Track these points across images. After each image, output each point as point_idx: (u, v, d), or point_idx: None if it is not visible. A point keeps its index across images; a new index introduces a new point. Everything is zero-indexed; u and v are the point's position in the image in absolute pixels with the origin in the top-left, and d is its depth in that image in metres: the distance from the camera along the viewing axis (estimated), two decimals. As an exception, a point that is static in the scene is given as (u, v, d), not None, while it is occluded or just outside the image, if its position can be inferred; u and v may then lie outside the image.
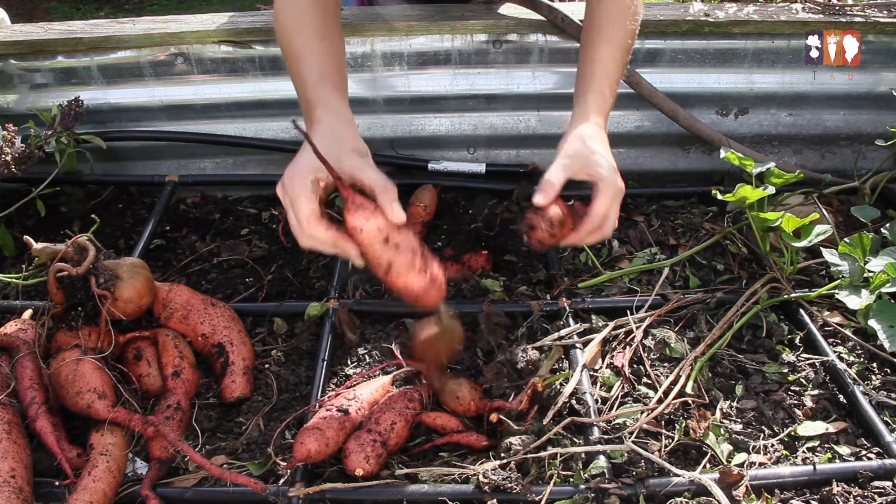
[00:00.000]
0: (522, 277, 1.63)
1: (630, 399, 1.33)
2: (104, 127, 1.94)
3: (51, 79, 1.92)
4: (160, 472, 1.18)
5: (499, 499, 1.12)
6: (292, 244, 1.77)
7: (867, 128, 2.03)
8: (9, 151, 1.67)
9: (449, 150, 2.03)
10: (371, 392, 1.28)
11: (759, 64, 1.95)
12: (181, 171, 2.00)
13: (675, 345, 1.42)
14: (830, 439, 1.27)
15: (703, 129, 1.91)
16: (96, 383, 1.23)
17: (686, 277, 1.63)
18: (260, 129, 1.99)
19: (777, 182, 1.55)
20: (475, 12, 1.93)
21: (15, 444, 1.14)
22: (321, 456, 1.16)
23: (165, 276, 1.66)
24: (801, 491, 1.17)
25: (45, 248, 1.33)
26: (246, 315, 1.52)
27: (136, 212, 1.92)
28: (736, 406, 1.33)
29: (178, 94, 1.94)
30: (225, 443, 1.26)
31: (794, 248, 1.51)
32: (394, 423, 1.23)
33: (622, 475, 1.17)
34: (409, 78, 1.95)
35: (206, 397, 1.37)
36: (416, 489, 1.14)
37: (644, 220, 1.83)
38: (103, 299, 1.30)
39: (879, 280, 1.38)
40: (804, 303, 1.53)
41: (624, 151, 2.07)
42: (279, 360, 1.43)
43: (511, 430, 1.23)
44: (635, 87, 1.87)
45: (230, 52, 1.90)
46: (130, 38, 1.86)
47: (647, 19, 1.88)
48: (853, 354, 1.44)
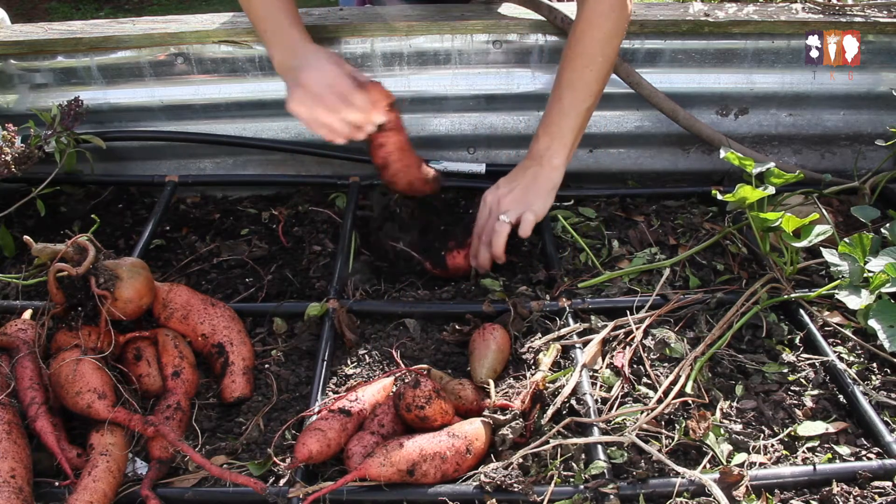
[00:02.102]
0: (522, 277, 1.63)
1: (630, 399, 1.33)
2: (104, 127, 1.94)
3: (51, 79, 1.92)
4: (160, 473, 1.18)
5: (500, 498, 1.12)
6: (292, 244, 1.77)
7: (867, 128, 2.03)
8: (9, 151, 1.67)
9: (449, 150, 2.03)
10: (373, 394, 1.28)
11: (759, 64, 1.95)
12: (181, 171, 2.00)
13: (675, 345, 1.42)
14: (830, 439, 1.27)
15: (703, 129, 1.92)
16: (96, 383, 1.23)
17: (686, 277, 1.63)
18: (260, 129, 1.99)
19: (777, 182, 1.55)
20: (475, 12, 1.93)
21: (15, 444, 1.14)
22: (323, 457, 1.16)
23: (165, 276, 1.66)
24: (801, 491, 1.17)
25: (45, 248, 1.33)
26: (246, 315, 1.52)
27: (136, 212, 1.92)
28: (736, 406, 1.33)
29: (178, 94, 1.94)
30: (225, 443, 1.26)
31: (794, 248, 1.51)
32: (396, 425, 1.23)
33: (622, 475, 1.17)
34: (409, 78, 1.95)
35: (206, 397, 1.37)
36: (416, 489, 1.14)
37: (644, 220, 1.83)
38: (103, 299, 1.30)
39: (879, 280, 1.38)
40: (804, 303, 1.53)
41: (624, 151, 2.07)
42: (279, 360, 1.43)
43: (499, 420, 1.23)
44: (635, 87, 1.87)
45: (230, 52, 1.90)
46: (130, 38, 1.86)
47: (647, 19, 1.88)
48: (853, 354, 1.44)
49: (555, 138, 1.63)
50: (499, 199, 1.62)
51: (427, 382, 1.21)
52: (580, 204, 1.88)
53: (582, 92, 1.61)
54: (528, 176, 1.63)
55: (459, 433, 1.19)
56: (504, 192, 1.62)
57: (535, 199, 1.62)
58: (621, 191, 1.95)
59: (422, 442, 1.15)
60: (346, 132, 1.52)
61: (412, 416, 1.20)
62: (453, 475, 1.17)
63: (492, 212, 1.62)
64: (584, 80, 1.60)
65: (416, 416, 1.20)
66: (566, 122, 1.62)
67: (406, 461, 1.13)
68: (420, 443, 1.15)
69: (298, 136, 2.01)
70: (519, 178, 1.64)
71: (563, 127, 1.62)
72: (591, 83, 1.61)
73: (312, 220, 1.85)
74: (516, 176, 1.65)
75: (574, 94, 1.61)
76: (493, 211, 1.62)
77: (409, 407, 1.19)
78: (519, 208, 1.61)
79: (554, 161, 1.63)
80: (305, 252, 1.74)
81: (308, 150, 1.97)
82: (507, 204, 1.61)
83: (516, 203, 1.61)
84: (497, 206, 1.62)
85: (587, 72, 1.60)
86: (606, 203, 1.91)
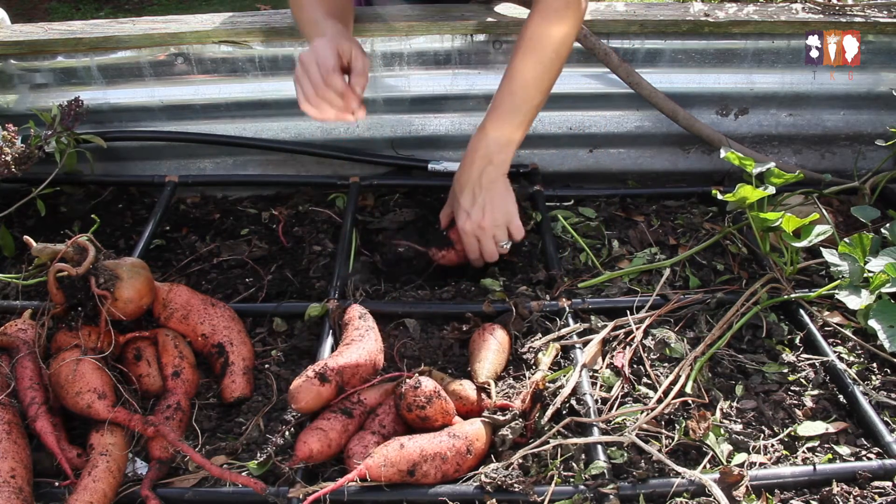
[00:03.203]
0: (522, 277, 1.63)
1: (630, 399, 1.33)
2: (104, 127, 1.94)
3: (51, 79, 1.92)
4: (160, 473, 1.18)
5: (500, 499, 1.12)
6: (292, 244, 1.77)
7: (867, 128, 2.03)
8: (9, 151, 1.67)
9: (449, 150, 2.03)
10: (375, 395, 1.28)
11: (759, 64, 1.95)
12: (181, 171, 2.00)
13: (675, 345, 1.42)
14: (830, 439, 1.27)
15: (703, 129, 1.92)
16: (96, 383, 1.23)
17: (686, 277, 1.63)
18: (260, 129, 1.99)
19: (777, 182, 1.56)
20: (475, 12, 1.93)
21: (15, 444, 1.14)
22: (323, 456, 1.16)
23: (165, 276, 1.66)
24: (801, 491, 1.17)
25: (45, 248, 1.33)
26: (246, 315, 1.52)
27: (136, 212, 1.92)
28: (736, 406, 1.33)
29: (178, 94, 1.94)
30: (225, 443, 1.26)
31: (794, 249, 1.51)
32: (397, 425, 1.23)
33: (622, 475, 1.17)
34: (409, 78, 1.95)
35: (206, 397, 1.37)
36: (416, 489, 1.14)
37: (644, 220, 1.83)
38: (103, 299, 1.30)
39: (879, 280, 1.38)
40: (804, 303, 1.53)
41: (624, 151, 2.07)
42: (279, 360, 1.43)
43: (499, 421, 1.23)
44: (635, 87, 1.87)
45: (230, 52, 1.90)
46: (130, 39, 1.86)
47: (647, 19, 1.88)
48: (853, 354, 1.44)
49: (506, 133, 1.59)
50: (479, 225, 1.58)
51: (428, 383, 1.21)
52: (580, 204, 1.88)
53: (534, 89, 1.58)
54: (486, 182, 1.58)
55: (460, 433, 1.19)
56: (478, 215, 1.57)
57: (506, 204, 1.59)
58: (621, 191, 1.96)
59: (422, 442, 1.15)
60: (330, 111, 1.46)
61: (413, 416, 1.20)
62: (454, 475, 1.17)
63: (480, 240, 1.59)
64: (537, 75, 1.58)
65: (416, 416, 1.20)
66: (518, 118, 1.59)
67: (407, 461, 1.13)
68: (421, 443, 1.15)
69: (298, 136, 2.01)
70: (477, 189, 1.58)
71: (514, 122, 1.59)
72: (544, 80, 1.59)
73: (312, 220, 1.85)
74: (472, 185, 1.59)
75: (526, 91, 1.58)
76: (482, 239, 1.59)
77: (410, 407, 1.19)
78: (502, 224, 1.59)
79: (503, 158, 1.60)
80: (305, 252, 1.74)
81: (308, 150, 1.97)
82: (490, 227, 1.58)
83: (497, 222, 1.58)
84: (483, 234, 1.58)
85: (540, 67, 1.57)
86: (606, 203, 1.91)
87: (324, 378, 1.23)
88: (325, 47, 1.44)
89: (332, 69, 1.41)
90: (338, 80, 1.41)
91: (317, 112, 1.44)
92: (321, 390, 1.22)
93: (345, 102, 1.42)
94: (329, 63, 1.42)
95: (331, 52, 1.43)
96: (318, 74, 1.41)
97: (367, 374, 1.31)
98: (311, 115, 1.45)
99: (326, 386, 1.23)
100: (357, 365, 1.29)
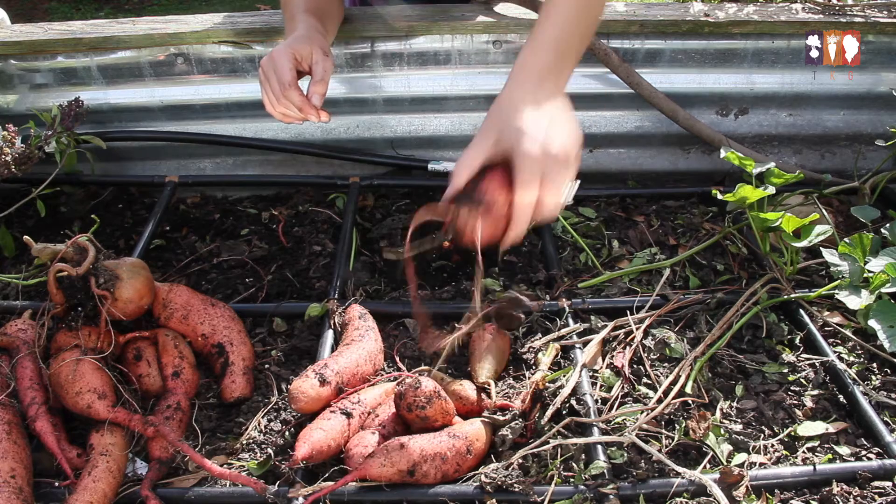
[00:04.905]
0: (522, 277, 1.63)
1: (630, 399, 1.33)
2: (104, 127, 1.94)
3: (51, 79, 1.92)
4: (160, 473, 1.18)
5: (500, 499, 1.12)
6: (292, 244, 1.77)
7: (867, 128, 2.03)
8: (9, 152, 1.67)
9: (449, 150, 2.03)
10: (375, 395, 1.29)
11: (759, 64, 1.95)
12: (181, 171, 2.00)
13: (675, 345, 1.42)
14: (830, 439, 1.27)
15: (703, 129, 1.92)
16: (96, 383, 1.23)
17: (686, 278, 1.63)
18: (260, 129, 2.00)
19: (777, 182, 1.56)
20: (475, 12, 1.93)
21: (15, 445, 1.14)
22: (323, 456, 1.16)
23: (165, 276, 1.66)
24: (801, 491, 1.17)
25: (45, 249, 1.33)
26: (246, 315, 1.52)
27: (136, 212, 1.92)
28: (736, 406, 1.33)
29: (178, 94, 1.94)
30: (225, 443, 1.26)
31: (794, 249, 1.51)
32: (396, 425, 1.23)
33: (622, 475, 1.17)
34: (409, 78, 1.95)
35: (206, 397, 1.37)
36: (416, 489, 1.14)
37: (644, 220, 1.83)
38: (103, 299, 1.30)
39: (879, 280, 1.38)
40: (804, 303, 1.53)
41: (624, 151, 2.07)
42: (279, 360, 1.43)
43: (499, 421, 1.23)
44: (635, 88, 1.87)
45: (230, 52, 1.90)
46: (130, 39, 1.86)
47: (647, 19, 1.88)
48: (853, 354, 1.44)
49: (561, 58, 1.26)
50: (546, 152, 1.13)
51: (428, 383, 1.21)
52: (580, 204, 1.88)
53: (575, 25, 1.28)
54: (543, 97, 1.21)
55: (460, 433, 1.19)
56: (544, 137, 1.14)
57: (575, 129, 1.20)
58: (621, 191, 1.96)
59: (422, 442, 1.15)
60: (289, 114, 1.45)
61: (413, 416, 1.20)
62: (454, 475, 1.17)
63: (546, 179, 1.13)
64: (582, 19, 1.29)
65: (416, 416, 1.20)
66: (574, 44, 1.28)
67: (407, 461, 1.13)
68: (420, 443, 1.15)
69: (298, 137, 2.01)
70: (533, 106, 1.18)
71: (572, 48, 1.28)
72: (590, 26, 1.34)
73: (312, 220, 1.85)
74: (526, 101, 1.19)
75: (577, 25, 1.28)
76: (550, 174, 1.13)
77: (410, 407, 1.19)
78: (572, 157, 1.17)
79: (557, 79, 1.26)
80: (305, 252, 1.74)
81: (308, 151, 1.97)
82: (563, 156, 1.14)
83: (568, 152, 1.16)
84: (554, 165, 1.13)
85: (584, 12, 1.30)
86: (606, 203, 1.91)
87: (324, 378, 1.23)
88: (282, 56, 1.41)
89: (287, 84, 1.39)
90: (293, 95, 1.38)
91: (281, 118, 1.46)
92: (321, 390, 1.22)
93: (303, 113, 1.40)
94: (285, 77, 1.39)
95: (287, 62, 1.40)
96: (276, 85, 1.40)
97: (367, 375, 1.32)
98: (277, 118, 1.47)
99: (326, 386, 1.23)
100: (357, 365, 1.29)
